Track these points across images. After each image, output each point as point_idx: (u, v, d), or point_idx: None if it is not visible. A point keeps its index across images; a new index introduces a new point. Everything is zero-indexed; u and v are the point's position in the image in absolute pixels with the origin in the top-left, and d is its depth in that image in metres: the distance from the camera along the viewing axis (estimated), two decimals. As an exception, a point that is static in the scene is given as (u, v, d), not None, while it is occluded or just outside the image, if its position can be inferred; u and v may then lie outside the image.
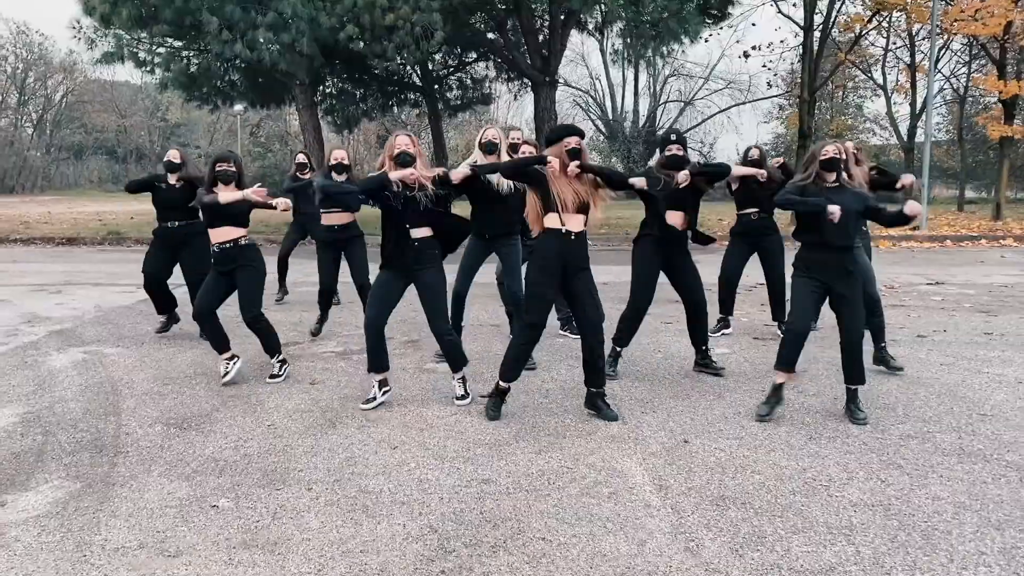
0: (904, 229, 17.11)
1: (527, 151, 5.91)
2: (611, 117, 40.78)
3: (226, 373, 5.41)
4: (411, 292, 4.90)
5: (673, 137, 5.58)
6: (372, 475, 3.79)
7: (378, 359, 4.85)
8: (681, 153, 5.48)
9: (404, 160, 4.67)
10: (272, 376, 5.46)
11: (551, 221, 4.54)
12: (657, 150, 5.89)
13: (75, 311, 8.10)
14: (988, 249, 14.93)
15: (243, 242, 5.40)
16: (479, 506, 3.43)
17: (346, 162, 6.84)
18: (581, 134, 4.71)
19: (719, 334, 6.88)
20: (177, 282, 6.88)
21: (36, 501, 3.49)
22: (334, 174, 6.74)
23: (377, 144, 35.66)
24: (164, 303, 6.91)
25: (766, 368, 5.76)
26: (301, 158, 8.49)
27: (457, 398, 4.94)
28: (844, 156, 4.77)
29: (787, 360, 4.68)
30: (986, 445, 4.18)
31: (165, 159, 6.73)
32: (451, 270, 5.18)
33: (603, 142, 40.55)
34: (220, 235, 5.39)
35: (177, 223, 6.61)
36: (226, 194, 5.25)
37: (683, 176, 5.23)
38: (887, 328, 7.20)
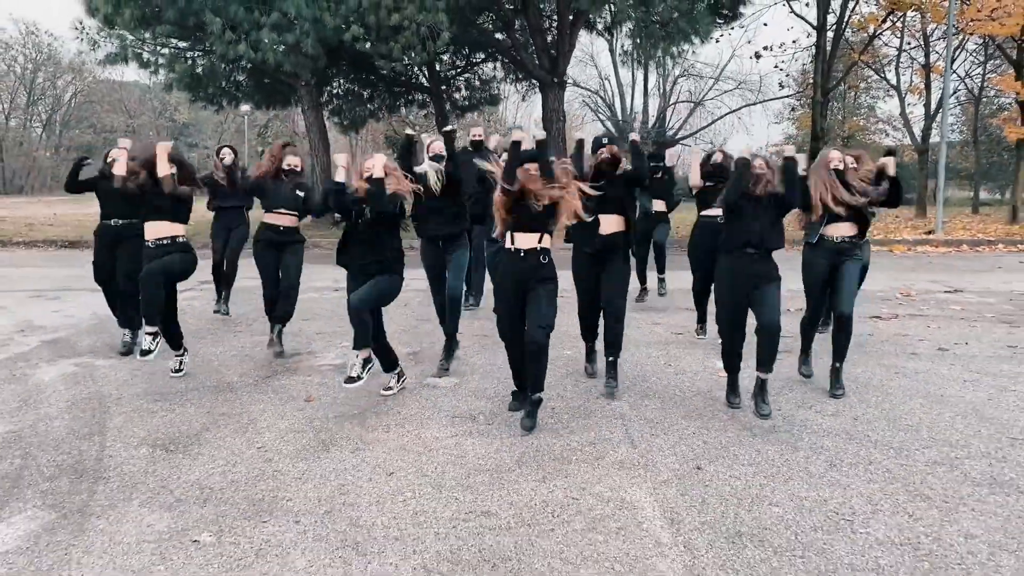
0: (920, 234, 16.81)
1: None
2: (620, 117, 40.49)
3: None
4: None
5: (605, 140, 5.43)
6: (365, 506, 3.56)
7: (363, 337, 4.97)
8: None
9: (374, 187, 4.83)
10: (145, 352, 5.44)
11: (506, 240, 4.63)
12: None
13: (71, 319, 7.91)
14: (1006, 254, 14.59)
15: (180, 239, 5.41)
16: (478, 543, 3.21)
17: (299, 168, 6.42)
18: (542, 160, 4.55)
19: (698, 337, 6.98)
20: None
21: (7, 534, 3.28)
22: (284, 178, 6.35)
23: (384, 145, 35.44)
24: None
25: (780, 384, 5.51)
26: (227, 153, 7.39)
27: (346, 379, 4.99)
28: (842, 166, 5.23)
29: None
30: (1019, 474, 3.93)
31: (108, 159, 6.20)
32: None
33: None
34: (156, 231, 5.36)
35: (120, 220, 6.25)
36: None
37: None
38: (906, 338, 6.97)
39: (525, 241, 4.54)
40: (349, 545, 3.19)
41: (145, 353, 5.40)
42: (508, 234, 4.60)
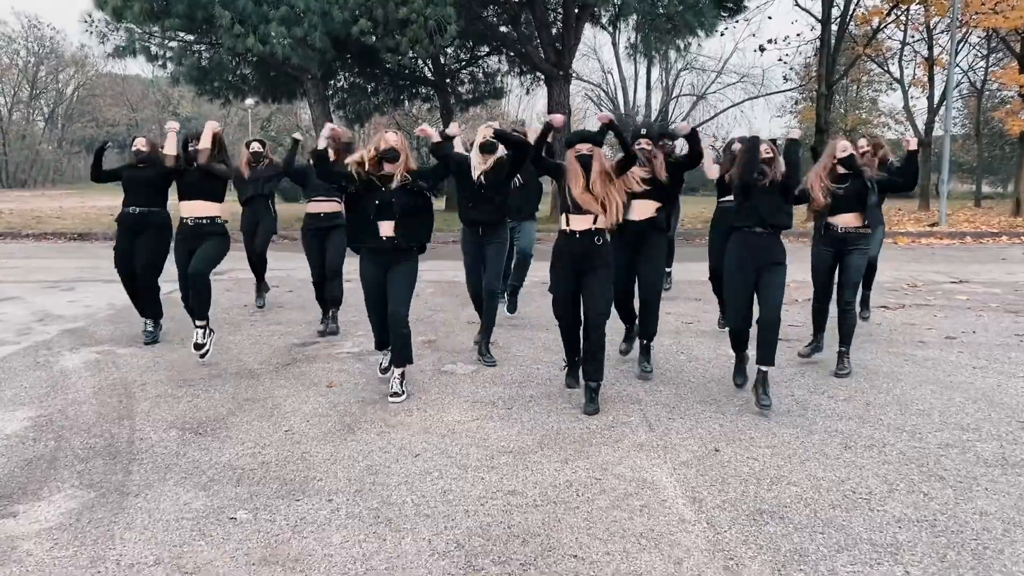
0: (924, 226, 16.90)
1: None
2: (623, 111, 40.57)
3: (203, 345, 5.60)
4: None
5: (643, 132, 5.44)
6: (394, 485, 3.66)
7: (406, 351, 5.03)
8: (650, 148, 5.30)
9: (391, 157, 4.76)
10: (197, 346, 5.49)
11: (561, 222, 4.75)
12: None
13: (88, 309, 8.01)
14: (1009, 246, 14.68)
15: (218, 221, 5.56)
16: (506, 519, 3.31)
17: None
18: (596, 141, 4.75)
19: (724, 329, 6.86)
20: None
21: (48, 512, 3.38)
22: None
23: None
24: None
25: (792, 371, 5.62)
26: (256, 147, 7.68)
27: (391, 394, 4.95)
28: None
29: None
30: (1030, 455, 4.03)
31: (133, 148, 6.37)
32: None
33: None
34: (193, 209, 5.48)
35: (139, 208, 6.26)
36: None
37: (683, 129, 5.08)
38: (914, 327, 7.06)
39: (579, 223, 4.65)
40: (382, 522, 3.29)
41: (199, 347, 5.51)
42: (563, 216, 4.70)
